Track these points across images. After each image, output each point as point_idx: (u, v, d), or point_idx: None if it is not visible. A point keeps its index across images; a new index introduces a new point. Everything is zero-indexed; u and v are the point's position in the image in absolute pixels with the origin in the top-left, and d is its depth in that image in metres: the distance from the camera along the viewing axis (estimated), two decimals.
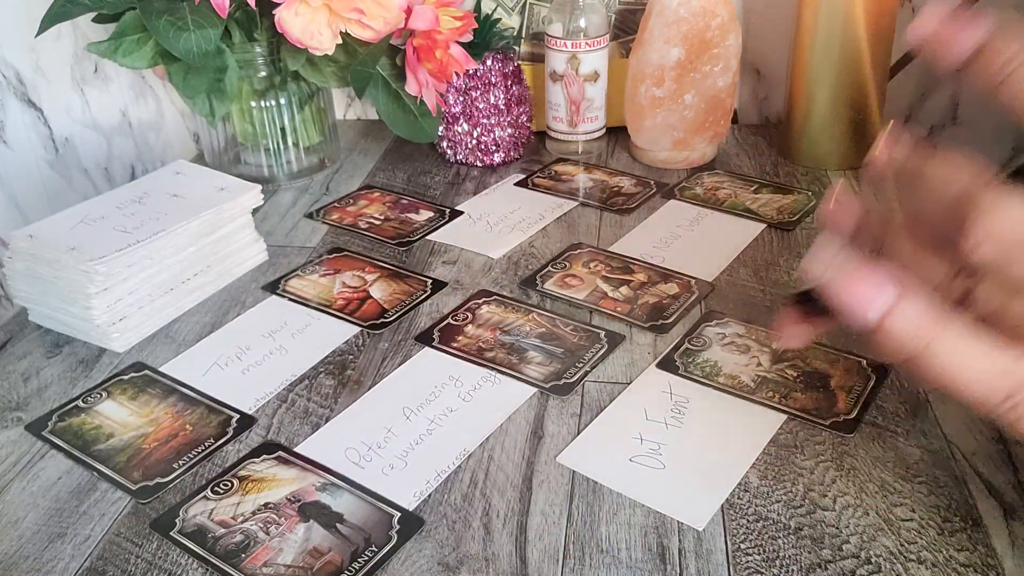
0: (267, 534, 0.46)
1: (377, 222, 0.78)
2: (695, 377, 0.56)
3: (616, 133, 0.92)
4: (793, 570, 0.43)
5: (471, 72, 0.84)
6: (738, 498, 0.47)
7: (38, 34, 0.71)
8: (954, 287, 0.26)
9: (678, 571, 0.43)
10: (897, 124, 0.27)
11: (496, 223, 0.77)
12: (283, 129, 0.84)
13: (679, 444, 0.51)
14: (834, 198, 0.30)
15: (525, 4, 0.91)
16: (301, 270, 0.70)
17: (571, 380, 0.56)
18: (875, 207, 0.28)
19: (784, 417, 0.52)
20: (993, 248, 0.24)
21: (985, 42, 0.24)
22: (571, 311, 0.64)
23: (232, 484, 0.49)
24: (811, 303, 0.34)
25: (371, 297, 0.66)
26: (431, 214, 0.79)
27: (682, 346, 0.59)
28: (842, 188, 0.29)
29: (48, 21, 0.70)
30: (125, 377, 0.59)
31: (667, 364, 0.57)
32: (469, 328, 0.62)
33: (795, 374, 0.56)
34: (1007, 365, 0.25)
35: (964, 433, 0.51)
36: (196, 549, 0.45)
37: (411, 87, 0.78)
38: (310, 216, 0.80)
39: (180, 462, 0.51)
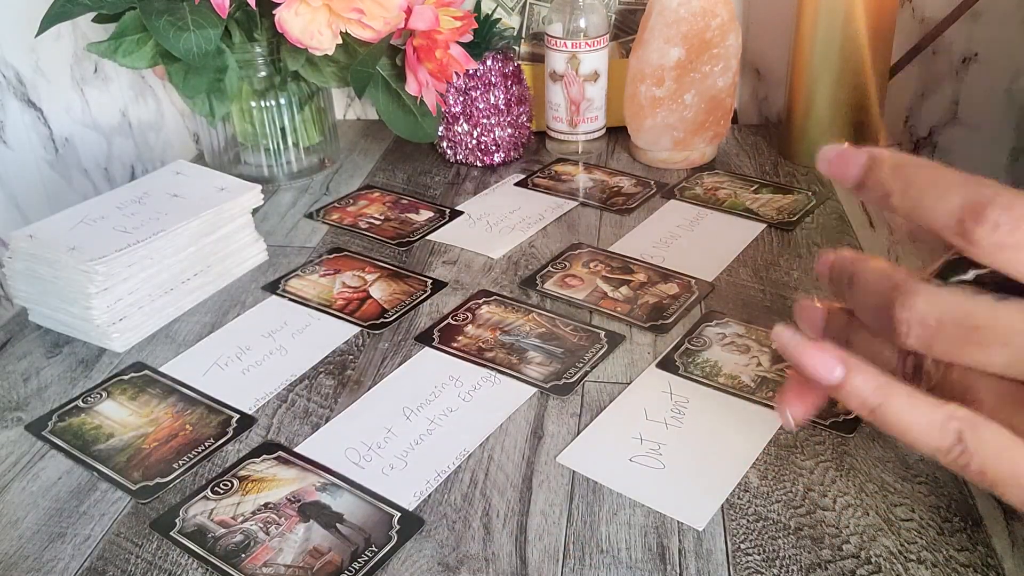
0: (267, 534, 0.46)
1: (377, 222, 0.78)
2: (695, 377, 0.56)
3: (616, 133, 0.92)
4: (793, 570, 0.43)
5: (471, 72, 0.84)
6: (738, 498, 0.47)
7: (38, 34, 0.71)
8: (907, 364, 0.32)
9: (678, 571, 0.43)
10: (829, 250, 0.35)
11: (496, 223, 0.77)
12: (283, 129, 0.84)
13: (679, 444, 0.51)
14: (802, 305, 0.36)
15: (525, 4, 0.91)
16: (301, 270, 0.70)
17: (571, 380, 0.56)
18: (835, 307, 0.35)
19: None
20: (919, 335, 0.30)
21: (867, 165, 0.31)
22: (571, 311, 0.64)
23: (232, 484, 0.49)
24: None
25: (371, 297, 0.66)
26: (431, 214, 0.79)
27: (682, 346, 0.59)
28: (807, 299, 0.36)
29: (48, 21, 0.70)
30: (125, 377, 0.59)
31: (667, 364, 0.57)
32: (469, 328, 0.62)
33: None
34: (947, 414, 0.30)
35: None
36: (196, 549, 0.45)
37: (411, 87, 0.78)
38: (310, 216, 0.80)
39: (180, 462, 0.51)
